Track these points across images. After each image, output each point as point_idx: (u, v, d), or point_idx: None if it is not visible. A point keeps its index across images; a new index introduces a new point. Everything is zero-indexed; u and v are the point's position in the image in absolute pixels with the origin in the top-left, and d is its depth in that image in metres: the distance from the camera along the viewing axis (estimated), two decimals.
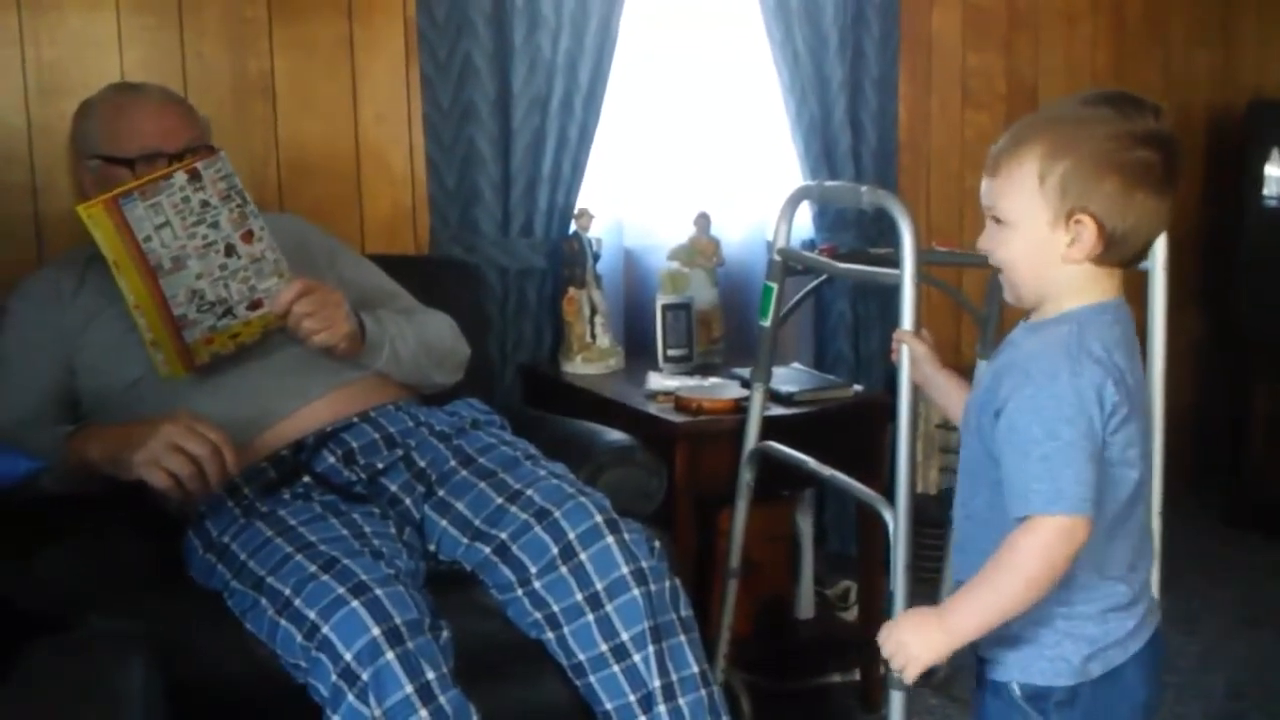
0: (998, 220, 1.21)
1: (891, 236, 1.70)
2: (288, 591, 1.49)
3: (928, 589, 1.84)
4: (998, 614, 1.16)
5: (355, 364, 1.81)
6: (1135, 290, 1.75)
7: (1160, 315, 1.78)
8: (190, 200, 1.66)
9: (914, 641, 1.19)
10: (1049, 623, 1.20)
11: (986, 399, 1.20)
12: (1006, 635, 1.21)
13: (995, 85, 2.98)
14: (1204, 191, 3.32)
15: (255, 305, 1.72)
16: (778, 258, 1.95)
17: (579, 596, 1.59)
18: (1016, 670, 1.23)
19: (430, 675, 1.44)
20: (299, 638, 1.46)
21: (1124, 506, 1.20)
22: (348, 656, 1.42)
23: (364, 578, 1.48)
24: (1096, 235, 1.17)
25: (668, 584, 1.62)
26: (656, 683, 1.57)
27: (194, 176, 1.66)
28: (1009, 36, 3.00)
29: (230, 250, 1.69)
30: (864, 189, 1.80)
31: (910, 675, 1.20)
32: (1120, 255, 1.19)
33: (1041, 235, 1.18)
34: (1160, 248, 1.75)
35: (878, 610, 2.19)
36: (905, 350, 1.54)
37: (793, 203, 1.97)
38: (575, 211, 2.42)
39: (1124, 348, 1.20)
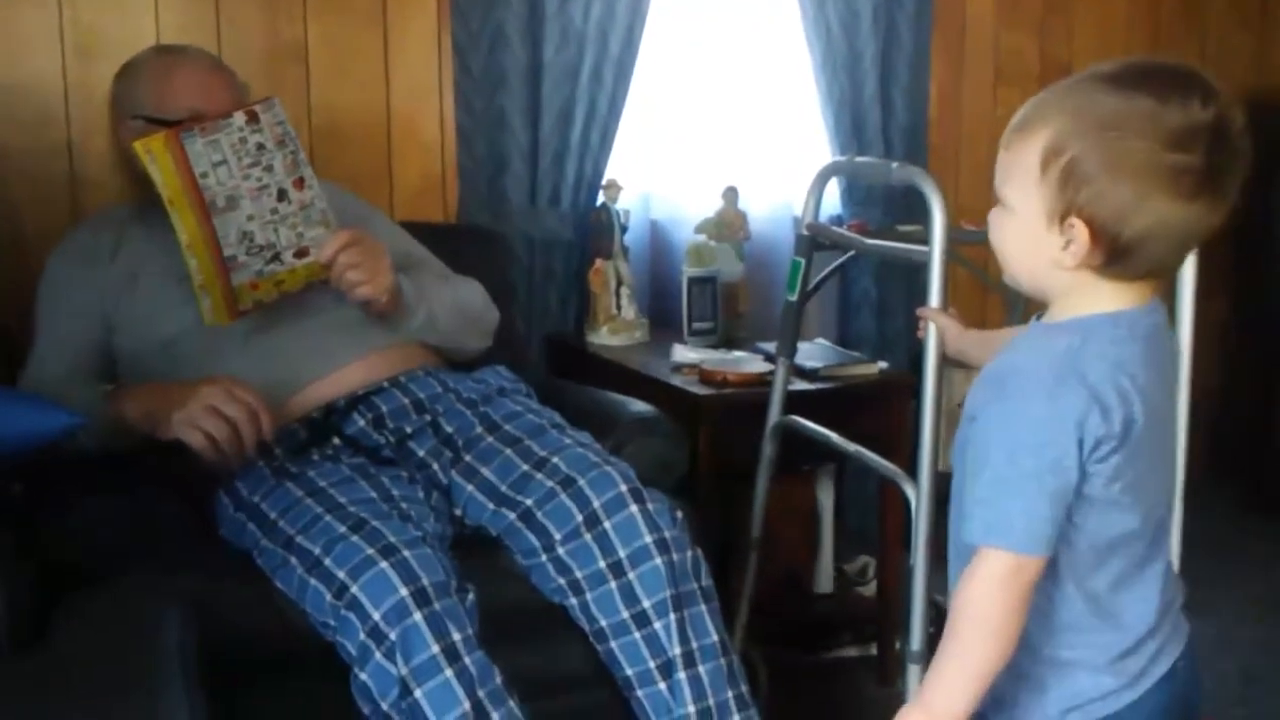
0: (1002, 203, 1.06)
1: (920, 214, 1.70)
2: (317, 551, 1.52)
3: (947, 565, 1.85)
4: (977, 677, 1.04)
5: (388, 329, 1.83)
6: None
7: (1188, 300, 1.77)
8: (247, 141, 1.68)
9: None
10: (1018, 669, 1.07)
11: (969, 403, 1.09)
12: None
13: (1028, 64, 2.96)
14: None
15: (302, 253, 1.73)
16: (806, 233, 1.95)
17: (602, 564, 1.61)
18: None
19: (456, 636, 1.46)
20: (328, 596, 1.48)
21: (1102, 549, 1.06)
22: (376, 616, 1.45)
23: (392, 539, 1.50)
24: (1090, 244, 0.99)
25: (689, 554, 1.64)
26: (676, 650, 1.59)
27: (252, 118, 1.69)
28: (1043, 15, 2.97)
29: (282, 195, 1.71)
30: (894, 165, 1.79)
31: None
32: (1128, 269, 1.01)
33: (1038, 232, 1.02)
34: None
35: (896, 586, 2.21)
36: (932, 327, 1.55)
37: (822, 178, 1.96)
38: (603, 183, 2.43)
39: (1139, 369, 1.02)
